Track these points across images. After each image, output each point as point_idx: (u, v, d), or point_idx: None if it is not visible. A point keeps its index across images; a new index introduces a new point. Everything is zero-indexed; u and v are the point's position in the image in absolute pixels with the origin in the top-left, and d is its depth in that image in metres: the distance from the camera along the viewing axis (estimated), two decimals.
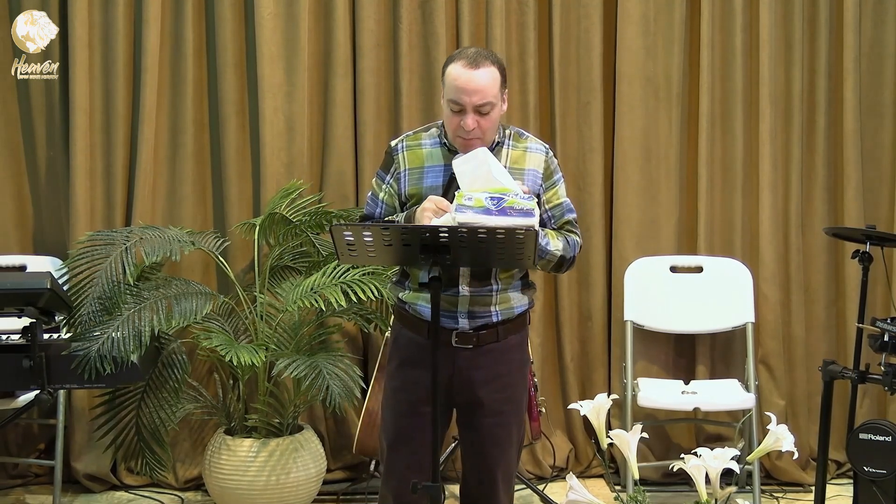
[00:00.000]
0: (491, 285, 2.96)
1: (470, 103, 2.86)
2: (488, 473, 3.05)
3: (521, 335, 3.10)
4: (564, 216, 3.06)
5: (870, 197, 4.84)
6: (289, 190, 4.47)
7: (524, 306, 3.07)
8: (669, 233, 4.79)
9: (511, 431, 3.06)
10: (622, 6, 4.73)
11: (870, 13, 4.80)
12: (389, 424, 3.06)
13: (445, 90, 2.91)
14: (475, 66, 2.87)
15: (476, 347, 2.97)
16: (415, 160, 3.00)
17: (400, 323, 3.08)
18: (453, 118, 2.90)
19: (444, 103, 2.93)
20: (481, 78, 2.87)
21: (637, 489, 2.37)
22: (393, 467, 3.05)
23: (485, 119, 2.89)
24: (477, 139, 2.90)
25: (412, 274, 3.00)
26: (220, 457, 4.17)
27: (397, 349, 3.08)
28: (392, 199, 3.03)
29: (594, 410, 2.43)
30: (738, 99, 4.75)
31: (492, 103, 2.89)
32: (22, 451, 4.68)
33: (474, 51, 2.93)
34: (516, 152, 3.01)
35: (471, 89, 2.85)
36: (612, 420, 4.64)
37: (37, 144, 4.66)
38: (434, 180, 2.96)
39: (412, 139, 3.04)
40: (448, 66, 2.91)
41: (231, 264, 4.49)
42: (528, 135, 3.09)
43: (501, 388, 3.03)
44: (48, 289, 3.49)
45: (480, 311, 2.96)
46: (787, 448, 2.37)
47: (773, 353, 4.77)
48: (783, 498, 4.65)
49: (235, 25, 4.63)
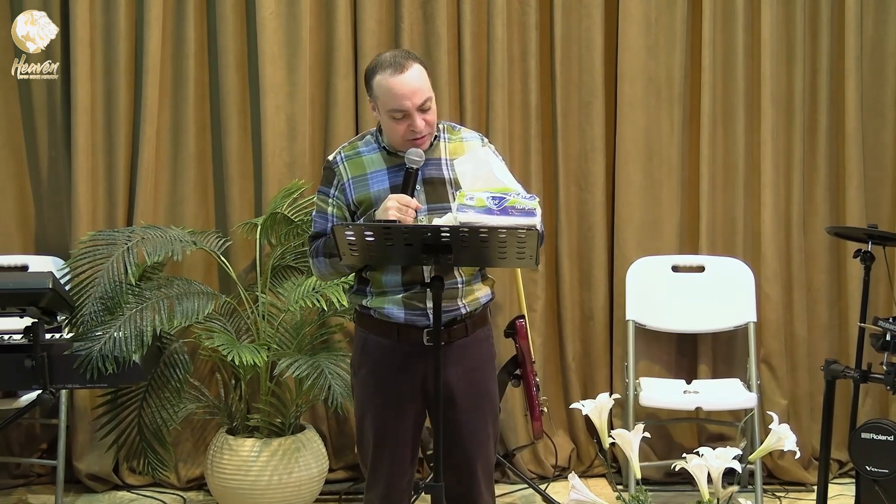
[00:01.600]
0: (455, 279, 2.96)
1: (413, 105, 2.87)
2: (468, 469, 3.05)
3: (487, 329, 3.12)
4: None
5: (871, 196, 4.84)
6: (290, 189, 4.47)
7: (488, 297, 3.08)
8: (671, 232, 4.79)
9: (487, 425, 3.08)
10: (623, 6, 4.73)
11: (871, 13, 4.79)
12: (371, 430, 3.06)
13: (380, 103, 2.91)
14: (402, 70, 2.87)
15: (447, 344, 2.96)
16: (356, 168, 3.00)
17: (365, 329, 3.06)
18: (398, 125, 2.90)
19: (383, 115, 2.93)
20: (414, 79, 2.88)
21: (639, 489, 2.37)
22: (378, 472, 3.06)
23: (428, 114, 2.92)
24: (426, 136, 2.93)
25: (373, 279, 2.99)
26: (222, 456, 4.17)
27: (366, 356, 3.06)
28: (342, 210, 3.01)
29: (596, 410, 2.43)
30: (740, 98, 4.75)
31: (430, 97, 2.92)
32: (24, 450, 4.69)
33: (391, 55, 2.93)
34: (453, 144, 3.03)
35: (409, 92, 2.86)
36: (614, 419, 4.63)
37: (38, 144, 4.67)
38: (380, 184, 2.97)
39: (348, 149, 3.05)
40: (374, 80, 2.91)
41: (233, 264, 4.49)
42: (461, 126, 3.13)
43: (474, 382, 3.04)
44: (50, 289, 3.50)
45: (448, 306, 2.95)
46: (790, 447, 2.37)
47: (775, 353, 4.77)
48: (785, 497, 4.65)
49: (237, 25, 4.63)
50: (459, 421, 3.01)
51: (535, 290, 4.75)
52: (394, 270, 2.93)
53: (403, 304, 2.94)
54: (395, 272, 2.93)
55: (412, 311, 2.94)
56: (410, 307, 2.94)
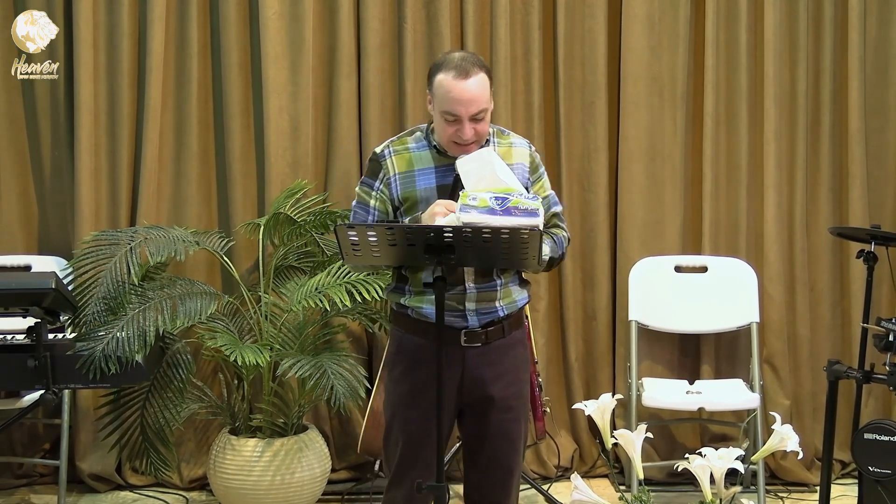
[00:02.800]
0: (494, 280, 2.97)
1: (466, 114, 2.87)
2: (501, 469, 3.05)
3: (523, 330, 3.12)
4: (551, 208, 3.07)
5: (875, 196, 4.83)
6: (293, 190, 4.47)
7: (524, 299, 3.08)
8: (674, 232, 4.79)
9: (521, 426, 3.08)
10: (627, 6, 4.73)
11: (875, 13, 4.79)
12: (401, 430, 3.04)
13: (437, 101, 2.90)
14: (466, 76, 2.86)
15: (484, 345, 2.97)
16: (403, 164, 3.00)
17: (402, 329, 3.05)
18: (448, 127, 2.90)
19: (436, 113, 2.92)
20: (474, 87, 2.87)
21: (642, 489, 2.37)
22: (404, 472, 3.04)
23: (481, 124, 2.91)
24: (474, 143, 2.92)
25: (412, 278, 2.98)
26: (224, 457, 4.17)
27: (402, 355, 3.06)
28: (384, 204, 3.01)
29: (599, 410, 2.43)
30: (743, 98, 4.74)
31: (485, 109, 2.91)
32: (27, 450, 4.69)
33: (460, 57, 2.91)
34: (502, 149, 3.03)
35: (466, 100, 2.86)
36: (617, 420, 4.64)
37: (42, 144, 4.67)
38: (427, 182, 2.97)
39: (398, 144, 3.04)
40: (436, 77, 2.90)
41: (236, 264, 4.50)
42: (510, 132, 3.13)
43: (510, 383, 3.04)
44: (53, 289, 3.50)
45: (487, 307, 2.96)
46: (792, 448, 2.37)
47: (778, 353, 4.77)
48: (788, 498, 4.65)
49: (240, 26, 4.64)
50: (493, 422, 3.01)
51: (538, 291, 4.75)
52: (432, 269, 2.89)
53: None
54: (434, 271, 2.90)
55: (450, 311, 2.92)
56: (448, 308, 2.91)
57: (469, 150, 2.91)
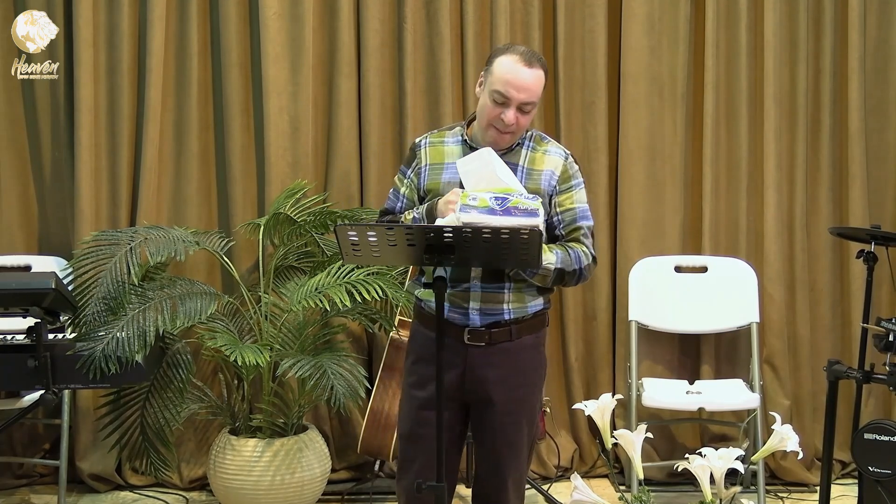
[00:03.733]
0: (503, 283, 2.96)
1: (517, 99, 2.88)
2: (499, 473, 3.05)
3: (538, 336, 3.09)
4: (577, 222, 3.02)
5: (875, 196, 4.84)
6: (293, 190, 4.47)
7: (539, 306, 3.05)
8: (674, 232, 4.79)
9: (522, 433, 3.06)
10: (627, 6, 4.73)
11: (875, 13, 4.79)
12: (405, 421, 3.08)
13: (492, 80, 2.91)
14: (529, 65, 2.89)
15: (488, 345, 2.97)
16: (436, 156, 3.03)
17: (417, 320, 3.12)
18: (493, 109, 2.91)
19: (486, 93, 2.93)
20: (532, 77, 2.90)
21: (642, 489, 2.37)
22: (406, 464, 3.06)
23: (524, 117, 2.93)
24: (510, 134, 2.93)
25: (427, 270, 2.98)
26: (224, 457, 4.17)
27: (414, 346, 3.11)
28: (412, 192, 3.06)
29: (599, 410, 2.43)
30: (743, 98, 4.74)
31: (534, 104, 2.93)
32: (27, 450, 4.69)
33: (526, 49, 2.95)
34: (535, 154, 3.02)
35: (521, 85, 2.88)
36: (617, 420, 4.64)
37: (42, 144, 4.67)
38: (452, 176, 2.97)
39: (436, 136, 3.09)
40: (499, 57, 2.92)
41: (236, 264, 4.50)
42: (551, 139, 3.11)
43: (514, 387, 3.02)
44: (53, 289, 3.50)
45: (492, 308, 2.96)
46: (792, 448, 2.37)
47: (778, 353, 4.77)
48: (788, 498, 4.65)
49: (240, 26, 4.64)
50: (494, 423, 3.01)
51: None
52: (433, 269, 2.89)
53: (449, 300, 2.94)
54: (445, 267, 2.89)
55: (455, 308, 2.95)
56: (454, 304, 2.95)
57: (503, 140, 2.93)
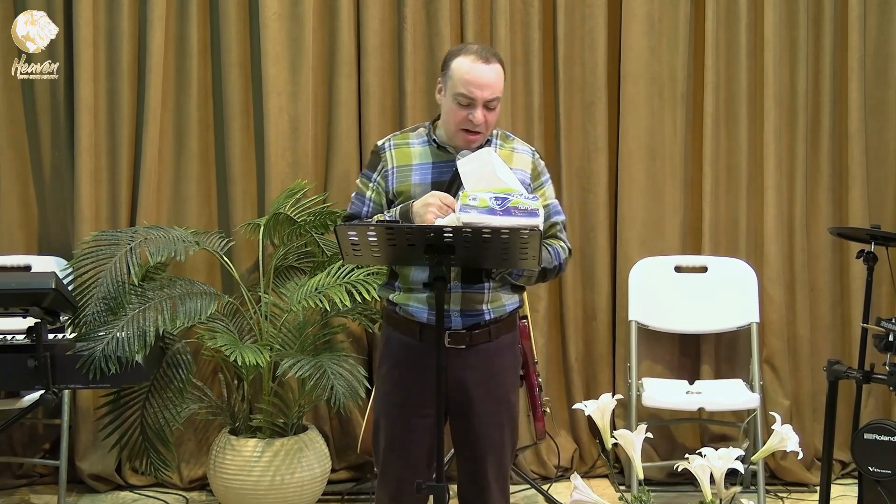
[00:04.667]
0: (483, 283, 2.95)
1: (481, 98, 2.87)
2: (482, 474, 3.04)
3: (513, 335, 3.09)
4: (551, 218, 3.03)
5: (875, 196, 4.84)
6: (293, 190, 4.47)
7: (515, 304, 3.06)
8: (674, 232, 4.79)
9: (504, 432, 3.05)
10: (627, 6, 4.73)
11: (874, 13, 4.79)
12: (384, 428, 3.05)
13: (452, 83, 2.90)
14: (487, 61, 2.89)
15: (468, 347, 2.96)
16: (403, 158, 3.00)
17: (390, 326, 3.06)
18: (459, 112, 2.90)
19: (449, 97, 2.92)
20: (492, 73, 2.89)
21: (642, 489, 2.37)
22: (388, 471, 3.05)
23: (491, 114, 2.92)
24: (479, 134, 2.92)
25: (401, 274, 2.98)
26: (224, 457, 4.17)
27: (389, 352, 3.06)
28: (380, 196, 3.01)
29: (599, 410, 2.42)
30: (743, 99, 4.74)
31: (499, 98, 2.92)
32: (27, 451, 4.69)
33: (479, 47, 2.95)
34: (504, 152, 3.02)
35: (483, 83, 2.87)
36: (617, 420, 4.64)
37: (42, 145, 4.67)
38: (422, 177, 2.96)
39: (399, 138, 3.05)
40: (454, 60, 2.91)
41: (236, 264, 4.50)
42: (514, 136, 3.12)
43: (493, 388, 3.02)
44: (53, 289, 3.50)
45: (472, 309, 2.95)
46: (792, 448, 2.37)
47: (778, 353, 4.77)
48: (788, 498, 4.65)
49: (240, 26, 4.64)
50: (475, 426, 3.00)
51: (538, 291, 4.75)
52: (422, 268, 2.88)
53: (428, 303, 2.94)
54: (423, 270, 2.87)
55: (434, 311, 2.90)
56: (433, 307, 2.90)
57: (474, 140, 2.91)
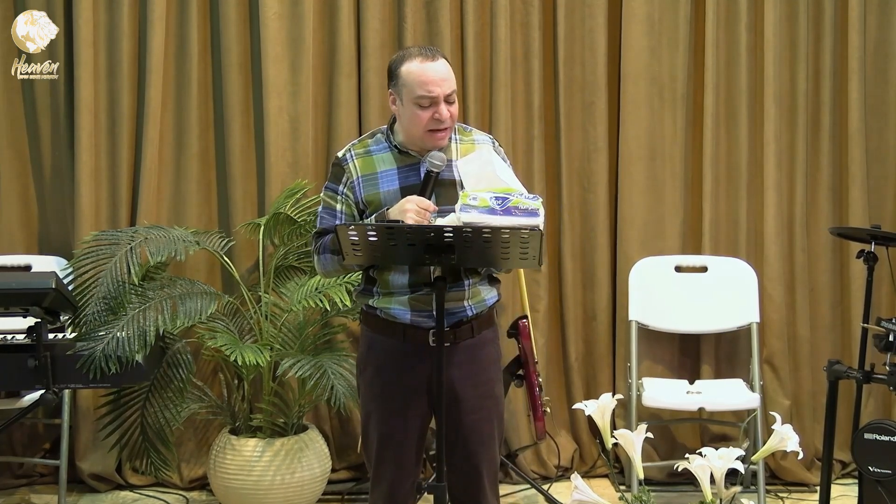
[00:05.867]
0: (462, 281, 2.96)
1: (441, 93, 2.89)
2: (472, 470, 3.05)
3: (493, 331, 3.11)
4: None
5: (875, 196, 4.83)
6: (293, 190, 4.47)
7: (495, 298, 3.08)
8: (674, 232, 4.79)
9: (492, 426, 3.07)
10: (627, 6, 4.72)
11: (875, 13, 4.79)
12: (374, 431, 3.05)
13: (407, 90, 2.90)
14: (433, 59, 2.92)
15: (453, 345, 2.96)
16: (367, 167, 3.00)
17: (371, 329, 3.06)
18: (423, 114, 2.89)
19: (407, 104, 2.91)
20: (444, 67, 2.93)
21: (642, 489, 2.37)
22: (382, 473, 3.05)
23: (453, 107, 2.93)
24: (447, 129, 2.93)
25: (380, 279, 2.98)
26: (224, 456, 4.17)
27: (372, 355, 3.06)
28: (350, 208, 3.01)
29: (599, 410, 2.43)
30: (743, 99, 4.74)
31: (455, 92, 2.94)
32: (27, 450, 4.69)
33: (419, 48, 2.98)
34: (464, 146, 3.03)
35: (439, 79, 2.89)
36: (617, 420, 4.64)
37: (42, 145, 4.67)
38: (390, 184, 2.96)
39: (359, 147, 3.05)
40: (402, 67, 2.92)
41: (236, 264, 4.50)
42: (471, 127, 3.14)
43: (479, 383, 3.04)
44: (53, 288, 3.50)
45: (455, 307, 2.96)
46: (792, 448, 2.37)
47: (778, 353, 4.77)
48: (788, 498, 4.65)
49: (240, 26, 4.64)
50: (464, 422, 3.01)
51: (538, 291, 4.75)
52: (401, 271, 2.92)
53: (409, 305, 2.94)
54: (402, 273, 2.92)
55: (418, 312, 2.94)
56: (417, 308, 2.94)
57: (443, 136, 2.92)
